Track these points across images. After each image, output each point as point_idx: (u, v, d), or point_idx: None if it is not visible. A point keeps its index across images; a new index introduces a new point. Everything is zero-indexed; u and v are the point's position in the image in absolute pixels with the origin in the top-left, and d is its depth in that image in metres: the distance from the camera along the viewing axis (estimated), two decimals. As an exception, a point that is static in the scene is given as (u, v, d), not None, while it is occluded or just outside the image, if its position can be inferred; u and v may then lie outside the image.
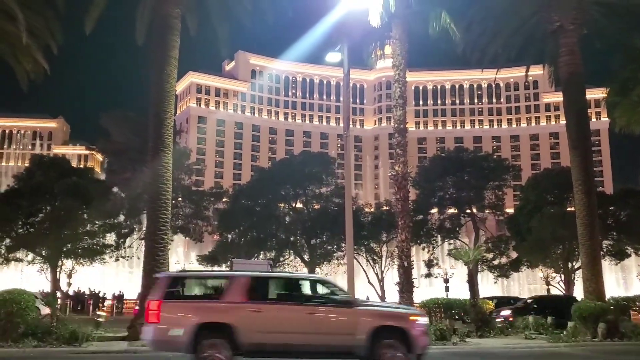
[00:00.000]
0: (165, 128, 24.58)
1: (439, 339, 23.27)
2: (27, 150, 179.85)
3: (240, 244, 54.65)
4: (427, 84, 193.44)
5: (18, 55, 26.06)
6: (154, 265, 23.64)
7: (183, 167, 53.15)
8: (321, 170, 57.03)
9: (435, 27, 26.49)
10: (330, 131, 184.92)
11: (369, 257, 55.88)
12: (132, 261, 56.44)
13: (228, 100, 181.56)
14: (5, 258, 50.37)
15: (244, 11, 28.02)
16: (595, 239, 27.40)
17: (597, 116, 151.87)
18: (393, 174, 27.02)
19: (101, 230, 50.85)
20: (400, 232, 26.11)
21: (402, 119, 27.09)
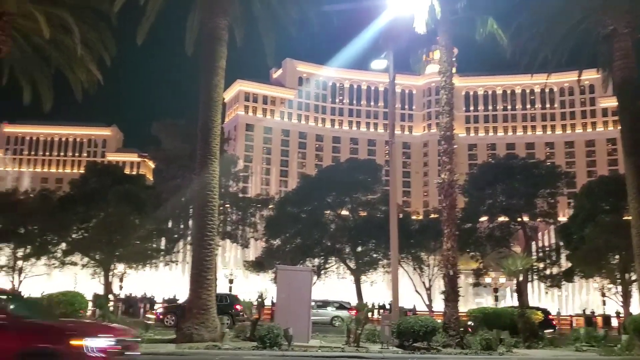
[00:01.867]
0: (212, 136, 25.04)
1: (485, 349, 22.88)
2: (82, 157, 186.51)
3: (285, 251, 55.01)
4: (478, 90, 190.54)
5: (73, 67, 27.08)
6: (202, 270, 24.12)
7: (230, 174, 54.03)
8: (368, 177, 56.87)
9: (482, 32, 26.21)
10: (377, 138, 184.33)
11: (416, 266, 55.32)
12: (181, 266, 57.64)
13: (275, 108, 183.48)
14: (61, 261, 52.34)
15: (290, 20, 28.35)
16: (653, 250, 26.33)
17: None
18: (439, 181, 26.79)
19: (152, 235, 52.13)
20: (446, 241, 25.82)
21: (449, 126, 26.83)
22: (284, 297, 25.06)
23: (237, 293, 58.61)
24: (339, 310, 46.43)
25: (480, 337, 23.61)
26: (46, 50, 26.92)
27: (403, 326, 23.65)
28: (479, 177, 57.91)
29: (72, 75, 27.50)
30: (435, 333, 23.98)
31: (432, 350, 23.20)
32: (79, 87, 27.89)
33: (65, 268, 53.81)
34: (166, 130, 53.76)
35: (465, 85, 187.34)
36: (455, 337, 24.51)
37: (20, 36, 26.48)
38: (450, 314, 25.23)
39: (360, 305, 26.99)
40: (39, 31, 23.78)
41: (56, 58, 27.14)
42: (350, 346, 23.56)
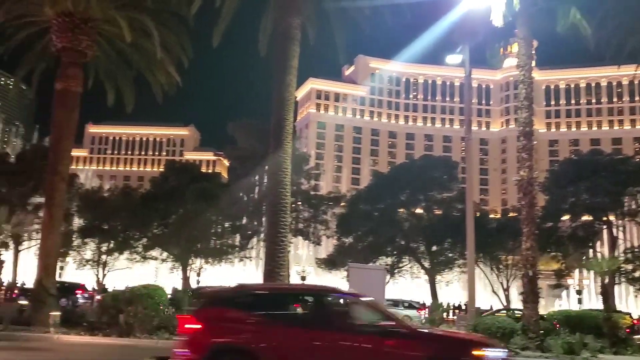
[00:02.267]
0: (285, 135, 25.30)
1: (567, 353, 21.89)
2: (162, 156, 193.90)
3: (357, 249, 54.83)
4: (559, 83, 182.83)
5: (153, 69, 28.15)
6: (275, 266, 24.42)
7: (302, 172, 54.38)
8: (443, 174, 55.73)
9: (564, 24, 25.08)
10: (453, 134, 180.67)
11: (493, 266, 53.77)
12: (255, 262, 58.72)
13: (347, 105, 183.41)
14: (142, 256, 54.66)
15: (362, 17, 28.23)
16: None
17: None
18: (518, 179, 25.89)
19: (227, 232, 53.44)
20: (525, 240, 24.93)
21: (528, 122, 25.90)
22: (357, 295, 24.97)
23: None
24: (407, 309, 46.01)
25: (562, 341, 22.62)
26: (128, 54, 28.13)
27: (480, 327, 23.07)
28: (560, 174, 55.42)
29: (152, 77, 28.58)
30: (514, 335, 23.24)
31: (511, 352, 22.46)
32: (159, 88, 28.96)
33: (146, 262, 56.14)
34: (241, 129, 54.90)
35: (546, 78, 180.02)
36: (535, 340, 23.61)
37: (104, 41, 27.79)
38: (529, 315, 24.36)
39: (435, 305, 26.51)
40: (122, 36, 24.88)
41: (137, 61, 28.31)
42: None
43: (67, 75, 25.76)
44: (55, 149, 25.58)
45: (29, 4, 25.73)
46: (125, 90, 29.74)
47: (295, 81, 26.32)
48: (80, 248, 55.99)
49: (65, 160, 25.96)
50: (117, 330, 21.69)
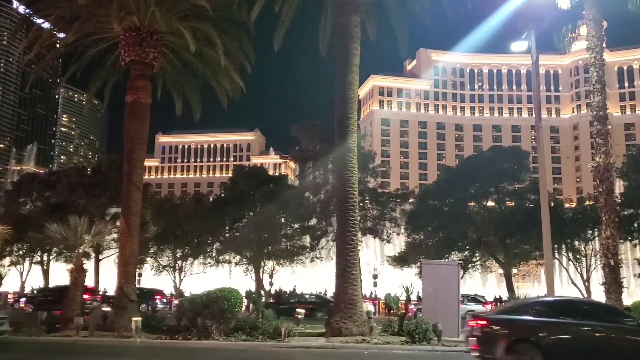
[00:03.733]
0: (349, 134, 25.33)
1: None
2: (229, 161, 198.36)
3: (429, 245, 54.07)
4: (633, 64, 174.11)
5: (218, 77, 28.83)
6: (346, 265, 24.51)
7: (368, 170, 54.11)
8: (513, 165, 54.07)
9: (636, 1, 23.85)
10: (522, 123, 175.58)
11: (571, 256, 51.75)
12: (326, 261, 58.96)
13: (411, 100, 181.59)
14: (216, 260, 56.00)
15: (422, 10, 27.91)
16: None
17: None
18: (594, 165, 24.87)
19: (297, 233, 53.92)
20: (605, 229, 23.95)
21: (602, 106, 24.84)
22: (431, 292, 24.73)
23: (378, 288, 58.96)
24: (471, 304, 45.08)
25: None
26: (193, 63, 28.94)
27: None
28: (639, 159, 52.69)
29: (217, 84, 29.28)
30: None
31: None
32: (224, 95, 29.63)
33: (220, 266, 57.44)
34: (304, 131, 55.18)
35: (618, 60, 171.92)
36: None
37: (170, 52, 28.70)
38: (613, 307, 23.33)
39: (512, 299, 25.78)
40: (186, 46, 25.63)
41: (202, 70, 29.08)
42: (503, 342, 22.61)
43: (137, 87, 26.78)
44: (129, 159, 26.60)
45: (98, 21, 26.88)
46: (192, 99, 30.61)
47: (358, 79, 26.34)
48: (156, 255, 58.01)
49: (138, 169, 26.96)
50: (195, 333, 22.33)
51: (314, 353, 20.10)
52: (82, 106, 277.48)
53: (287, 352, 20.19)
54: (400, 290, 28.61)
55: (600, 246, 26.01)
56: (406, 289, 26.75)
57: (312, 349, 20.75)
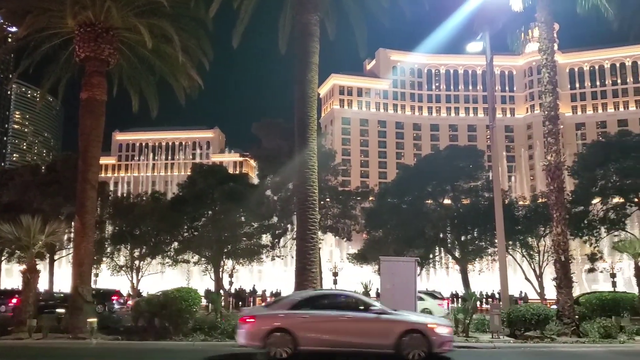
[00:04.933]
0: (309, 132, 25.42)
1: (603, 337, 21.68)
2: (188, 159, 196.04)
3: (388, 242, 54.71)
4: (583, 65, 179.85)
5: (175, 73, 28.51)
6: (305, 263, 24.60)
7: (329, 169, 54.38)
8: (469, 164, 55.20)
9: (585, 5, 24.77)
10: (477, 123, 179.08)
11: (524, 253, 53.16)
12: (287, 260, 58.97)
13: (370, 99, 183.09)
14: (174, 260, 55.30)
15: (381, 10, 28.18)
16: None
17: None
18: (545, 164, 25.65)
19: (257, 232, 53.74)
20: (556, 225, 24.73)
21: (553, 106, 25.63)
22: (389, 288, 24.99)
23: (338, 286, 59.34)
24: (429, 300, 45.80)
25: (598, 325, 22.38)
26: (150, 60, 28.53)
27: (514, 315, 22.95)
28: (588, 157, 54.35)
29: (175, 81, 28.95)
30: (549, 321, 23.08)
31: (546, 339, 22.29)
32: (182, 92, 29.32)
33: (178, 266, 56.76)
34: (265, 129, 55.06)
35: (569, 61, 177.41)
36: (570, 325, 23.43)
37: (126, 48, 28.23)
38: (563, 301, 24.15)
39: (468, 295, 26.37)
40: (143, 42, 25.28)
41: (159, 66, 28.71)
42: (459, 336, 23.10)
43: (92, 84, 26.24)
44: (84, 157, 26.07)
45: (51, 16, 26.23)
46: (149, 96, 30.19)
47: (317, 77, 26.43)
48: (113, 254, 56.97)
49: (94, 168, 26.45)
50: (153, 334, 22.06)
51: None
52: (36, 103, 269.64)
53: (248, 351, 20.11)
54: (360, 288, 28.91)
55: (551, 242, 26.79)
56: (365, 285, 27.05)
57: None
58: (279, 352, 16.17)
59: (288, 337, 16.29)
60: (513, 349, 20.81)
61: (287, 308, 17.18)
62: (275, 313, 17.04)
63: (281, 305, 17.69)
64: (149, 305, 22.81)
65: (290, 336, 16.27)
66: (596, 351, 20.10)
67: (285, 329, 16.41)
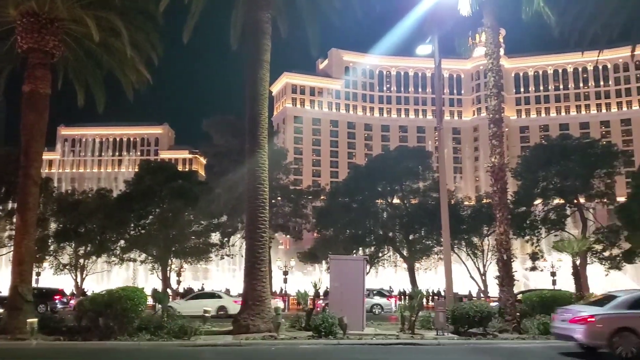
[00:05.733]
0: (260, 130, 25.35)
1: (543, 334, 22.46)
2: (136, 156, 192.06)
3: (338, 241, 55.15)
4: (528, 70, 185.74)
5: (123, 68, 27.84)
6: (255, 262, 24.54)
7: (281, 167, 54.35)
8: (418, 164, 56.29)
9: (529, 11, 25.59)
10: (426, 124, 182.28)
11: (469, 251, 54.56)
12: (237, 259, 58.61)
13: (323, 99, 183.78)
14: (120, 258, 54.12)
15: (333, 10, 28.30)
16: None
17: None
18: (490, 165, 26.39)
19: (206, 230, 53.17)
20: (499, 225, 25.47)
21: (498, 109, 26.36)
22: (338, 286, 25.22)
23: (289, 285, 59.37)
24: (377, 297, 46.85)
25: (538, 322, 23.19)
26: (97, 54, 27.79)
27: (457, 312, 23.52)
28: (531, 160, 56.33)
29: (123, 76, 28.30)
30: (491, 318, 23.75)
31: (489, 335, 22.95)
32: (130, 87, 28.67)
33: (125, 264, 55.58)
34: (216, 126, 54.51)
35: (515, 66, 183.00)
36: (512, 322, 24.18)
37: (72, 41, 27.43)
38: (505, 298, 24.91)
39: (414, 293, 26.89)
40: (90, 35, 24.58)
41: (107, 60, 27.98)
42: (405, 333, 23.56)
43: (35, 76, 25.36)
44: (26, 152, 25.20)
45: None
46: (95, 90, 29.40)
47: (269, 75, 26.37)
48: (57, 252, 55.27)
49: (36, 163, 25.60)
50: (97, 333, 21.58)
51: (221, 351, 19.98)
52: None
53: (193, 351, 19.95)
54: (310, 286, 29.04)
55: (495, 242, 27.58)
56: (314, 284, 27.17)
57: (219, 347, 20.64)
58: (626, 352, 16.50)
59: (634, 337, 16.63)
60: (456, 345, 21.35)
61: (625, 308, 17.37)
62: (617, 313, 17.25)
63: (616, 305, 17.67)
64: (93, 305, 22.28)
65: (636, 336, 16.61)
66: (535, 347, 20.82)
67: (631, 328, 16.72)
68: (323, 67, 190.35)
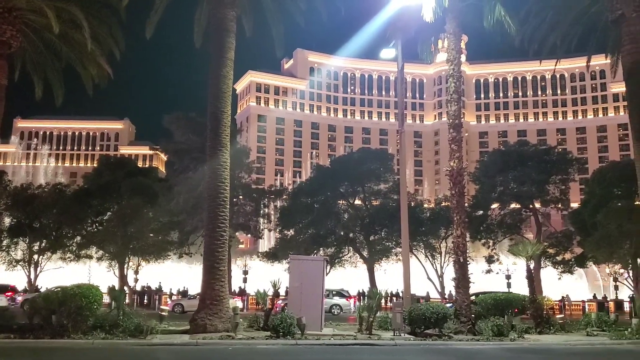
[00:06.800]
0: (222, 128, 25.24)
1: (496, 335, 23.00)
2: (95, 151, 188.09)
3: (299, 241, 55.17)
4: (488, 77, 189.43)
5: (84, 61, 27.34)
6: (214, 261, 24.41)
7: (243, 166, 54.07)
8: (380, 167, 56.78)
9: (490, 20, 26.19)
10: (389, 127, 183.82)
11: (428, 253, 55.36)
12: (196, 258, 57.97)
13: (287, 98, 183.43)
14: (76, 255, 52.95)
15: (298, 11, 28.44)
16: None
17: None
18: (448, 169, 26.89)
19: (165, 228, 52.47)
20: (456, 228, 25.98)
21: (457, 114, 26.88)
22: (297, 286, 25.28)
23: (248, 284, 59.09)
24: (337, 297, 47.20)
25: (492, 324, 23.71)
26: (57, 46, 27.20)
27: (414, 313, 23.87)
28: (489, 165, 57.60)
29: (82, 69, 27.79)
30: (447, 320, 24.17)
31: (444, 336, 23.36)
32: (89, 81, 28.18)
33: (81, 261, 54.38)
34: (177, 122, 53.85)
35: (476, 73, 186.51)
36: (467, 324, 24.67)
37: (31, 31, 26.78)
38: (461, 300, 25.39)
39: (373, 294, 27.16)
40: (49, 26, 24.05)
41: (67, 53, 27.44)
42: (363, 334, 23.78)
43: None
44: (-20, 144, 24.52)
45: (-54, -7, 24.45)
46: (54, 83, 28.78)
47: (232, 73, 26.25)
48: (9, 248, 53.73)
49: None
50: (49, 332, 21.11)
51: (176, 350, 19.79)
52: None
53: (148, 350, 19.71)
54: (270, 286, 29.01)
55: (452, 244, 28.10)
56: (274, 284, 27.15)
57: (175, 346, 20.45)
58: None
59: None
60: (412, 346, 21.67)
61: None
62: None
63: None
64: (47, 302, 21.81)
65: None
66: (489, 348, 21.31)
67: None
68: (288, 66, 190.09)
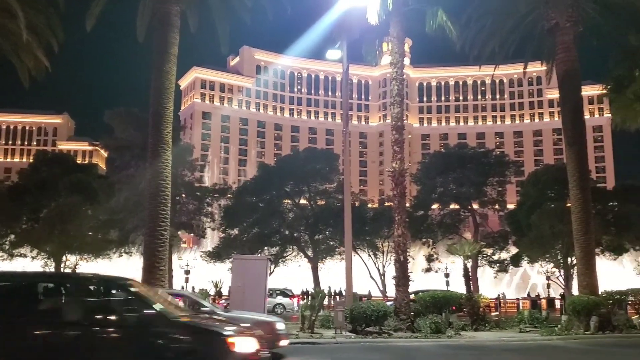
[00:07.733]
0: (164, 125, 24.86)
1: (434, 332, 23.62)
2: (32, 146, 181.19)
3: (243, 240, 54.94)
4: (431, 81, 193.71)
5: (19, 53, 26.35)
6: (154, 261, 23.99)
7: (186, 163, 53.31)
8: (325, 166, 57.25)
9: (432, 24, 26.79)
10: (335, 127, 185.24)
11: (370, 252, 56.15)
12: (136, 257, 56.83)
13: (233, 96, 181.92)
14: (10, 254, 50.93)
15: (243, 7, 28.26)
16: (590, 235, 27.67)
17: (600, 112, 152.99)
18: (391, 170, 27.38)
19: (105, 226, 51.19)
20: (397, 227, 26.50)
21: (400, 117, 27.40)
22: (240, 286, 25.19)
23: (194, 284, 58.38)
24: (280, 297, 47.36)
25: (430, 321, 24.36)
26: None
27: (356, 311, 24.21)
28: (430, 166, 59.04)
29: (18, 61, 26.78)
30: (387, 317, 24.64)
31: (384, 334, 23.82)
32: (25, 73, 27.19)
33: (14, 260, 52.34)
34: (119, 118, 52.55)
35: (419, 76, 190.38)
36: (406, 321, 25.21)
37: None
38: (401, 298, 25.93)
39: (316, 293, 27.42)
40: (-19, 16, 23.12)
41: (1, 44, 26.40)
42: (305, 332, 23.96)
43: None
44: None
45: None
46: (-13, 75, 27.68)
47: (176, 69, 25.85)
48: None
49: None
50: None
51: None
52: None
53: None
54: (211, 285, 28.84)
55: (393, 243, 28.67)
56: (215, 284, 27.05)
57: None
58: None
59: None
60: (353, 343, 22.01)
61: None
62: None
63: None
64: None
65: None
66: (427, 345, 21.87)
67: None
68: (234, 64, 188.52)
